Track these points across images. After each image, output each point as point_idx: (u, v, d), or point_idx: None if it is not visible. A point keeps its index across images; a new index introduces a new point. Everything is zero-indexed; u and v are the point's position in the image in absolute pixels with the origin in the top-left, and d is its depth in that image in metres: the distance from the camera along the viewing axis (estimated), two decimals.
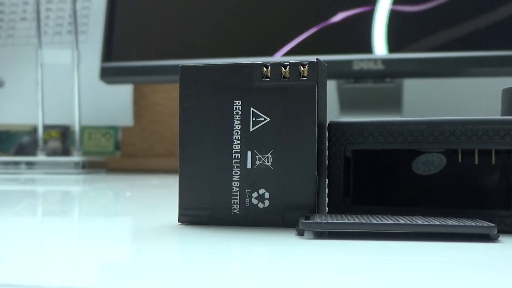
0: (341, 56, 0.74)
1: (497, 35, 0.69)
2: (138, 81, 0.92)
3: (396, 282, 0.19)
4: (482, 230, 0.26)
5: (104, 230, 0.30)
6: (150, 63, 0.81)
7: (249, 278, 0.19)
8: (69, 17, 1.05)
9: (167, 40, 0.81)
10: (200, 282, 0.19)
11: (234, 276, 0.20)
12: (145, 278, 0.19)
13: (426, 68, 0.72)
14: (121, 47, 0.84)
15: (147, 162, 1.04)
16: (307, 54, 0.75)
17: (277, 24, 0.77)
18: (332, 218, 0.27)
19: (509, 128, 0.28)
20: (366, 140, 0.31)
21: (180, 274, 0.20)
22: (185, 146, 0.31)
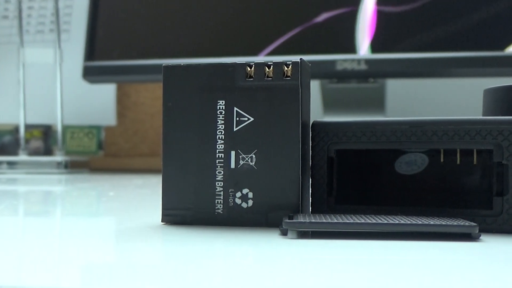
0: (324, 56, 0.74)
1: (479, 36, 0.70)
2: (121, 81, 0.91)
3: (379, 281, 0.19)
4: (463, 230, 0.26)
5: (87, 231, 0.30)
6: (133, 62, 0.81)
7: (233, 278, 0.19)
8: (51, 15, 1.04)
9: (151, 39, 0.81)
10: (183, 282, 0.19)
11: (218, 276, 0.20)
12: (128, 278, 0.19)
13: (409, 69, 0.72)
14: (104, 46, 0.83)
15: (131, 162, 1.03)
16: (290, 54, 0.75)
17: (261, 23, 0.77)
18: (316, 218, 0.27)
19: (491, 128, 0.29)
20: (349, 140, 0.31)
21: (163, 274, 0.20)
22: (169, 146, 0.31)
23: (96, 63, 0.83)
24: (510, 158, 0.28)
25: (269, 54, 0.76)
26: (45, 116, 0.98)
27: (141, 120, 1.06)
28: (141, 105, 1.06)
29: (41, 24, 1.05)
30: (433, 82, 0.89)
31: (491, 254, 0.24)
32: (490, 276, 0.20)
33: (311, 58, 0.72)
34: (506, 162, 0.28)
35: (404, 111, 0.90)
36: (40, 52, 0.90)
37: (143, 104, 1.06)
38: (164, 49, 0.80)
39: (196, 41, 0.79)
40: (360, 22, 0.74)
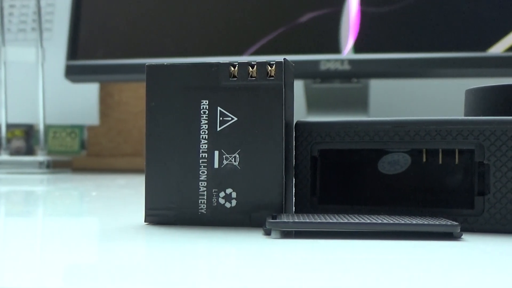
0: (308, 56, 0.74)
1: (461, 36, 0.71)
2: (104, 80, 0.91)
3: (361, 280, 0.19)
4: (445, 229, 0.26)
5: (69, 231, 0.30)
6: (117, 62, 0.80)
7: (216, 278, 0.19)
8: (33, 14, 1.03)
9: (134, 39, 0.81)
10: (166, 282, 0.19)
11: (201, 276, 0.20)
12: (111, 279, 0.19)
13: (392, 69, 0.73)
14: (87, 45, 0.82)
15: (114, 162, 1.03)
16: (274, 54, 0.75)
17: (245, 23, 0.77)
18: (299, 218, 0.27)
19: (472, 128, 0.29)
20: (333, 140, 0.31)
21: (146, 275, 0.20)
22: (152, 146, 0.30)
23: (79, 62, 0.82)
24: (492, 158, 0.28)
25: (253, 54, 0.76)
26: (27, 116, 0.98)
27: (125, 120, 1.05)
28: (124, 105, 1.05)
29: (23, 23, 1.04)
30: (416, 83, 0.89)
31: (473, 253, 0.24)
32: (471, 274, 0.20)
33: (294, 58, 0.72)
34: (488, 162, 0.29)
35: (387, 111, 0.90)
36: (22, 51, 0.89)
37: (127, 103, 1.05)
38: (147, 48, 0.80)
39: (180, 40, 0.79)
40: (344, 22, 0.74)
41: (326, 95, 0.77)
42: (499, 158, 0.28)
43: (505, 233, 0.28)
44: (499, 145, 0.28)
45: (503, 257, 0.23)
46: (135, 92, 1.05)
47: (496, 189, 0.28)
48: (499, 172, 0.28)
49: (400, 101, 0.91)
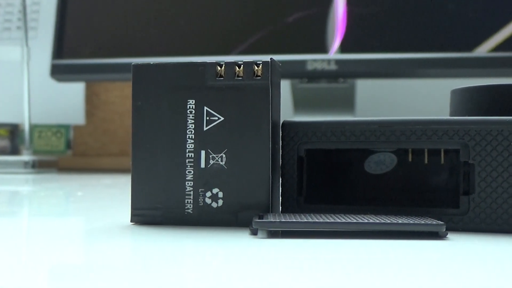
0: (295, 56, 0.74)
1: (447, 37, 0.71)
2: (90, 79, 0.90)
3: (347, 280, 0.19)
4: (431, 228, 0.27)
5: (55, 231, 0.30)
6: (103, 61, 0.80)
7: (202, 278, 0.19)
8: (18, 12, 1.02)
9: (120, 38, 0.80)
10: (152, 282, 0.19)
11: (187, 276, 0.20)
12: (97, 279, 0.19)
13: (378, 69, 0.73)
14: (73, 44, 0.82)
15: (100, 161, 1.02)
16: (261, 53, 0.75)
17: (232, 23, 0.77)
18: (286, 217, 0.27)
19: (458, 128, 0.29)
20: (319, 140, 0.31)
21: (132, 275, 0.20)
22: (138, 145, 0.30)
23: (65, 61, 0.82)
24: (477, 158, 0.29)
25: (239, 54, 0.76)
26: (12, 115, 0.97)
27: (111, 119, 1.05)
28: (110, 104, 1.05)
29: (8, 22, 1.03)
30: (402, 83, 0.90)
31: (458, 252, 0.24)
32: (456, 273, 0.20)
33: (281, 58, 0.72)
34: (473, 162, 0.29)
35: (373, 111, 0.90)
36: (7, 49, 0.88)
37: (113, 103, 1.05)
38: (134, 47, 0.79)
39: (166, 40, 0.79)
40: (330, 22, 0.74)
41: (312, 95, 0.77)
42: (484, 158, 0.29)
43: (490, 232, 0.28)
44: (484, 145, 0.29)
45: (488, 256, 0.24)
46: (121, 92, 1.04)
47: (481, 188, 0.29)
48: (484, 171, 0.29)
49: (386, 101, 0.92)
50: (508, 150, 0.28)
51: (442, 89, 0.66)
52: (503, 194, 0.28)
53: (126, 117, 1.04)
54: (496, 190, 0.28)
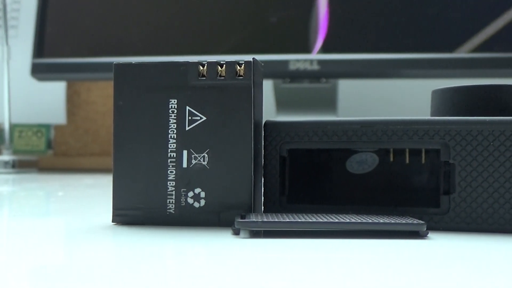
0: (277, 56, 0.74)
1: (428, 37, 0.72)
2: (72, 78, 0.89)
3: (330, 279, 0.19)
4: (412, 228, 0.27)
5: (35, 232, 0.30)
6: (84, 60, 0.79)
7: (184, 278, 0.19)
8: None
9: (102, 37, 0.80)
10: (134, 283, 0.18)
11: (169, 276, 0.19)
12: (78, 280, 0.19)
13: (360, 69, 0.73)
14: (54, 42, 0.81)
15: (81, 161, 1.01)
16: (243, 53, 0.75)
17: (214, 22, 0.77)
18: (268, 217, 0.28)
19: (438, 128, 0.29)
20: (302, 140, 0.31)
21: (114, 275, 0.20)
22: (120, 145, 0.30)
23: (45, 60, 0.81)
24: (457, 158, 0.29)
25: (222, 53, 0.76)
26: None
27: (92, 119, 1.04)
28: (92, 104, 1.04)
29: None
30: (384, 83, 0.90)
31: (438, 251, 0.24)
32: (436, 272, 0.20)
33: (264, 58, 0.72)
34: (453, 162, 0.29)
35: (355, 111, 0.91)
36: None
37: (94, 102, 1.04)
38: (115, 46, 0.79)
39: (149, 39, 0.78)
40: (313, 22, 0.75)
41: (295, 95, 0.77)
42: (464, 157, 0.29)
43: (470, 231, 0.29)
44: (464, 145, 0.29)
45: (467, 255, 0.24)
46: (103, 91, 1.04)
47: (461, 188, 0.29)
48: (464, 171, 0.29)
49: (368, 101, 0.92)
50: (488, 150, 0.29)
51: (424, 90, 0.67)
52: (483, 193, 0.29)
53: (107, 116, 1.03)
54: (476, 189, 0.29)
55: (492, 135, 0.29)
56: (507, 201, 0.28)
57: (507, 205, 0.28)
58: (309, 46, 0.74)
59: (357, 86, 0.91)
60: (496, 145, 0.29)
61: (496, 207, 0.28)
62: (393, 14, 0.73)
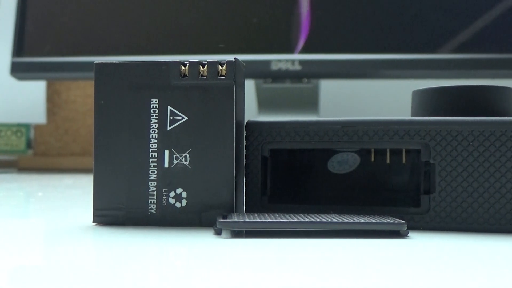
0: (259, 56, 0.74)
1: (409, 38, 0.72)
2: (52, 78, 0.88)
3: (311, 279, 0.19)
4: (392, 227, 0.27)
5: (14, 232, 0.29)
6: (64, 59, 0.79)
7: (166, 279, 0.19)
8: None
9: (82, 36, 0.79)
10: (115, 284, 0.18)
11: (151, 277, 0.19)
12: (57, 281, 0.19)
13: (342, 69, 0.74)
14: (34, 41, 0.80)
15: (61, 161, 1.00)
16: (225, 53, 0.75)
17: (196, 22, 0.77)
18: (250, 217, 0.28)
19: (419, 128, 0.29)
20: (283, 140, 0.31)
21: (94, 276, 0.20)
22: (100, 145, 0.30)
23: (25, 59, 0.80)
24: (437, 158, 0.29)
25: (204, 53, 0.75)
26: None
27: (73, 119, 1.03)
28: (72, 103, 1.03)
29: None
30: (365, 83, 0.91)
31: (418, 250, 0.25)
32: (416, 271, 0.21)
33: (246, 58, 0.72)
34: (433, 161, 0.29)
35: (337, 111, 0.91)
36: None
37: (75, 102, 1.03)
38: (96, 46, 0.78)
39: (130, 38, 0.78)
40: (295, 23, 0.75)
41: (277, 95, 0.77)
42: (444, 157, 0.29)
43: (450, 230, 0.29)
44: (444, 145, 0.29)
45: (447, 254, 0.24)
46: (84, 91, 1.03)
47: (441, 188, 0.29)
48: (444, 171, 0.29)
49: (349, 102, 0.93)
50: (467, 150, 0.29)
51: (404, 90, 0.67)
52: (462, 193, 0.29)
53: (88, 116, 1.02)
54: (456, 189, 0.29)
55: (471, 135, 0.29)
56: (486, 200, 0.29)
57: (486, 204, 0.29)
58: (291, 46, 0.74)
59: (339, 86, 0.91)
60: (475, 145, 0.29)
61: (475, 206, 0.29)
62: (374, 14, 0.73)
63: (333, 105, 0.91)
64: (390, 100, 0.90)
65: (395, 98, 0.88)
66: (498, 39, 0.72)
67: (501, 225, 0.28)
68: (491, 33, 0.72)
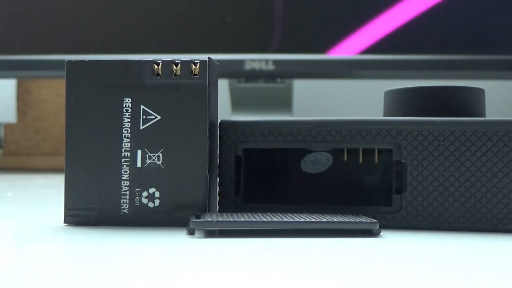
0: (233, 56, 0.74)
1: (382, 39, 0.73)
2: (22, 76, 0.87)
3: (284, 278, 0.19)
4: (364, 226, 0.27)
5: None
6: (35, 57, 0.78)
7: (138, 279, 0.19)
8: None
9: (54, 33, 0.78)
10: (86, 285, 0.18)
11: (123, 278, 0.19)
12: (27, 282, 0.19)
13: (316, 69, 0.74)
14: (4, 38, 0.79)
15: (32, 161, 0.99)
16: (199, 52, 0.74)
17: (169, 21, 0.77)
18: (223, 217, 0.27)
19: (390, 128, 0.30)
20: (257, 139, 0.31)
21: (65, 278, 0.19)
22: (72, 144, 0.30)
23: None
24: (409, 157, 0.29)
25: (177, 52, 0.75)
26: None
27: (44, 118, 1.02)
28: (43, 102, 1.02)
29: None
30: (338, 83, 0.91)
31: (390, 249, 0.25)
32: (388, 270, 0.21)
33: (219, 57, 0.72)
34: (405, 161, 0.30)
35: (310, 111, 0.92)
36: None
37: (46, 101, 1.02)
38: (68, 44, 0.78)
39: (103, 36, 0.77)
40: (268, 22, 0.75)
41: (250, 95, 0.77)
42: (415, 157, 0.29)
43: (421, 229, 0.29)
44: (415, 145, 0.29)
45: (418, 253, 0.24)
46: (55, 89, 1.02)
47: (412, 187, 0.29)
48: (416, 170, 0.29)
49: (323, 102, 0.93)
50: (438, 150, 0.29)
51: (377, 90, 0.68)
52: (433, 192, 0.29)
53: (60, 115, 1.01)
54: (427, 188, 0.29)
55: (442, 135, 0.29)
56: (456, 199, 0.29)
57: (456, 203, 0.29)
58: (265, 46, 0.75)
59: (312, 86, 0.91)
60: (446, 145, 0.29)
61: (446, 205, 0.29)
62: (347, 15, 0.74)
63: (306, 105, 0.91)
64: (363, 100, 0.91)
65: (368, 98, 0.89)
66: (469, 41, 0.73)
67: (471, 224, 0.29)
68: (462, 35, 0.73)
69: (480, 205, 0.29)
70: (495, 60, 0.73)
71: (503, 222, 0.29)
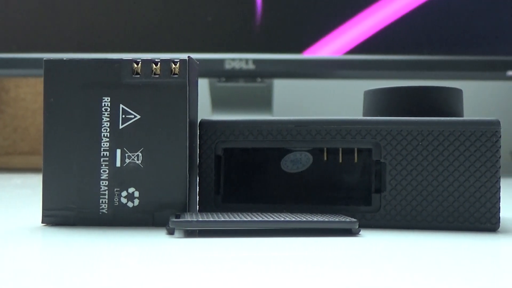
0: (213, 55, 0.74)
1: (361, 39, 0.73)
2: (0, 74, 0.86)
3: (264, 277, 0.19)
4: (344, 225, 0.27)
5: None
6: (13, 56, 0.77)
7: (118, 280, 0.19)
8: None
9: (32, 32, 0.77)
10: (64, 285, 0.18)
11: (102, 278, 0.19)
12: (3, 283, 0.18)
13: (295, 69, 0.74)
14: None
15: (9, 160, 0.98)
16: (179, 51, 0.74)
17: (150, 20, 0.76)
18: (203, 217, 0.27)
19: (370, 128, 0.30)
20: (237, 139, 0.31)
21: (43, 278, 0.19)
22: (50, 144, 0.29)
23: None
24: (388, 157, 0.30)
25: (157, 51, 0.75)
26: None
27: (22, 117, 1.01)
28: (21, 101, 1.01)
29: None
30: (318, 83, 0.92)
31: (369, 248, 0.25)
32: (367, 268, 0.21)
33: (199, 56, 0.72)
34: (384, 161, 0.30)
35: (290, 110, 0.92)
36: None
37: (24, 99, 1.01)
38: (47, 42, 0.77)
39: (81, 35, 0.77)
40: (248, 22, 0.75)
41: (230, 94, 0.77)
42: (394, 156, 0.30)
43: (400, 228, 0.30)
44: (394, 145, 0.30)
45: (397, 251, 0.24)
46: (33, 88, 1.01)
47: (391, 186, 0.30)
48: (395, 170, 0.30)
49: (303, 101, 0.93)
50: (417, 149, 0.29)
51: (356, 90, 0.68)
52: (412, 191, 0.29)
53: (38, 114, 1.00)
54: (406, 188, 0.29)
55: (421, 135, 0.30)
56: (434, 198, 0.29)
57: (434, 202, 0.29)
58: (245, 45, 0.75)
59: (292, 86, 0.92)
60: (425, 144, 0.29)
61: (424, 204, 0.29)
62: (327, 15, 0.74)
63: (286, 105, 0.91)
64: (343, 100, 0.91)
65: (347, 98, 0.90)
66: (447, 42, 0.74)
67: (449, 223, 0.29)
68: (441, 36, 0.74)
69: (458, 204, 0.29)
70: (473, 61, 0.74)
71: (480, 221, 0.29)
